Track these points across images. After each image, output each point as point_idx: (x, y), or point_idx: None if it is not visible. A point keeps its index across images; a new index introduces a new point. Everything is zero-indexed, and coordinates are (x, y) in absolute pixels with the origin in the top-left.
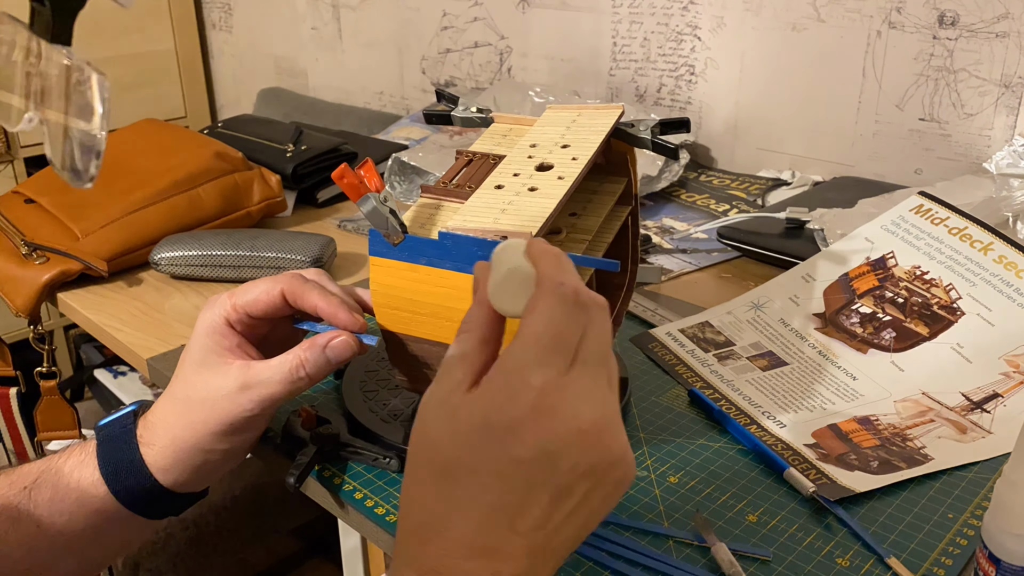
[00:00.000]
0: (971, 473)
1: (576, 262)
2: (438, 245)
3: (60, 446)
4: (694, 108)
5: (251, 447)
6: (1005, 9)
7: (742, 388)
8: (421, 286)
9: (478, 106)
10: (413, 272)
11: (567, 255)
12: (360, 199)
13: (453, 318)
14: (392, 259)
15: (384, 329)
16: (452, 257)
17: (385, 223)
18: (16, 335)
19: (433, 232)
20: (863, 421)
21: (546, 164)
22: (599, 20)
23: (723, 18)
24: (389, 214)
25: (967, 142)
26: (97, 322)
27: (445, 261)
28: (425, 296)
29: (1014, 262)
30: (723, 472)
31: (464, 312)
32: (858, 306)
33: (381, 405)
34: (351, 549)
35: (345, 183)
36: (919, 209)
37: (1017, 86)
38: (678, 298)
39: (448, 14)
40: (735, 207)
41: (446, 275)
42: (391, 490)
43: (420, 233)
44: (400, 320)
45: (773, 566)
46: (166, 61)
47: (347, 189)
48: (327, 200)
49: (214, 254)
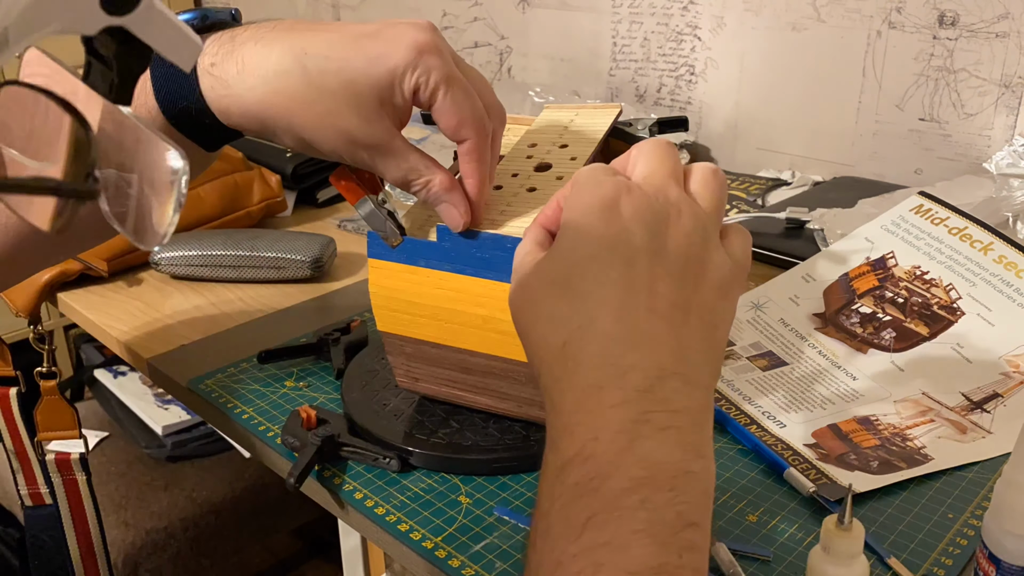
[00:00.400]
0: (971, 473)
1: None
2: (437, 247)
3: (60, 446)
4: (694, 108)
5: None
6: (1005, 9)
7: (742, 388)
8: (420, 288)
9: None
10: (412, 274)
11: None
12: (358, 202)
13: (453, 320)
14: (391, 261)
15: (384, 332)
16: (451, 259)
17: (383, 225)
18: (16, 335)
19: (432, 234)
20: (863, 421)
21: (544, 164)
22: (599, 20)
23: (723, 18)
24: (387, 216)
25: (967, 142)
26: (97, 322)
27: (444, 263)
28: (424, 298)
29: (1014, 262)
30: (723, 472)
31: (464, 315)
32: (858, 306)
33: (381, 405)
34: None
35: (343, 186)
36: (919, 209)
37: (1017, 86)
38: None
39: (448, 14)
40: (735, 207)
41: (446, 277)
42: (391, 490)
43: (419, 235)
44: (400, 322)
45: (773, 566)
46: None
47: (345, 192)
48: (327, 200)
49: (214, 254)
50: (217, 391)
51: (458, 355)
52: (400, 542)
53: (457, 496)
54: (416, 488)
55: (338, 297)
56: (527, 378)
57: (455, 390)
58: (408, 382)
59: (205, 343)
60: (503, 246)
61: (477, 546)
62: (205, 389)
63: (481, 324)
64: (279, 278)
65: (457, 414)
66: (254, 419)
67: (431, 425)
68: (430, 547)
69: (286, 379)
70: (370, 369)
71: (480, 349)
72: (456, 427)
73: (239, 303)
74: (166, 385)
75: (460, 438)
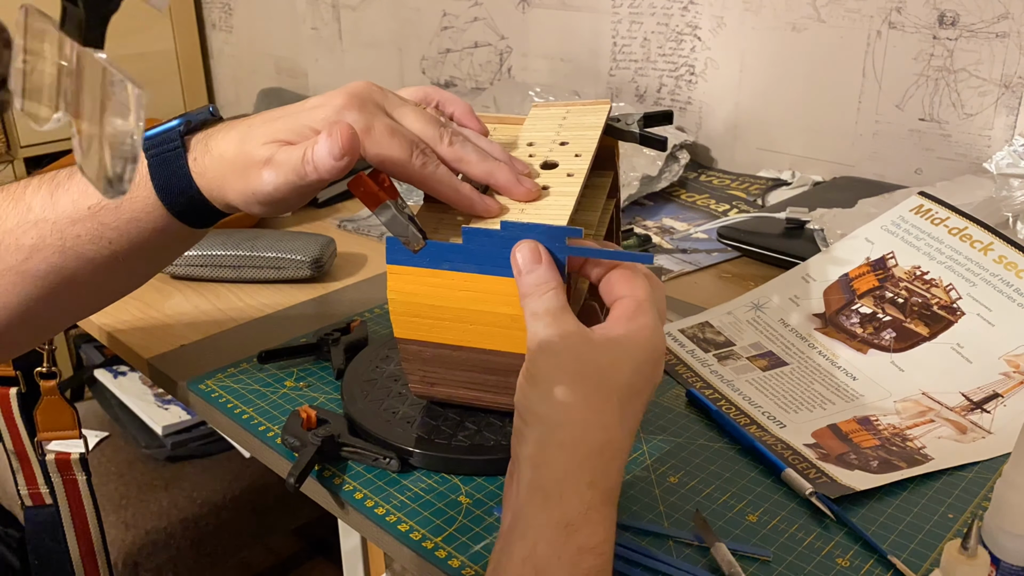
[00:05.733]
0: (971, 473)
1: (620, 258)
2: (462, 249)
3: (60, 446)
4: (694, 108)
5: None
6: (1005, 9)
7: (742, 388)
8: (444, 291)
9: None
10: (435, 278)
11: (613, 250)
12: (378, 208)
13: (478, 321)
14: (412, 266)
15: (400, 339)
16: (477, 260)
17: (405, 230)
18: None
19: (448, 236)
20: (863, 421)
21: (550, 162)
22: (599, 20)
23: (723, 18)
24: (408, 220)
25: (967, 142)
26: (97, 322)
27: (470, 264)
28: (448, 301)
29: (1014, 262)
30: (723, 472)
31: (491, 315)
32: (858, 306)
33: (381, 405)
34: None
35: (362, 192)
36: (919, 209)
37: (1017, 86)
38: (678, 298)
39: (448, 14)
40: (735, 207)
41: (471, 278)
42: (391, 490)
43: (434, 238)
44: (420, 327)
45: (773, 566)
46: (166, 61)
47: (364, 198)
48: (327, 200)
49: (214, 254)
50: (217, 391)
51: (482, 356)
52: (400, 542)
53: (457, 496)
54: (416, 488)
55: (338, 297)
56: None
57: (474, 392)
58: (423, 388)
59: (205, 343)
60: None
61: (477, 546)
62: (205, 389)
63: (509, 324)
64: (279, 278)
65: (471, 416)
66: (254, 419)
67: (448, 428)
68: (430, 547)
69: (286, 379)
70: (371, 369)
71: (507, 348)
72: (474, 428)
73: (239, 303)
74: (166, 385)
75: (481, 439)
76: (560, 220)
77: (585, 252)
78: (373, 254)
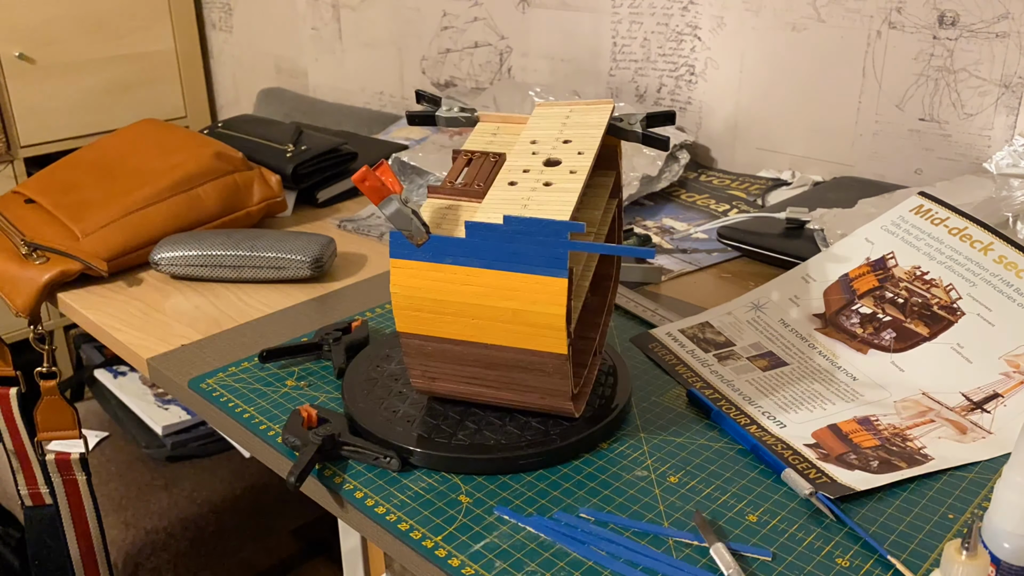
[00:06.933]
0: (971, 473)
1: (620, 252)
2: (465, 243)
3: (60, 446)
4: (694, 108)
5: None
6: (1005, 9)
7: (742, 388)
8: (447, 285)
9: (461, 105)
10: (438, 272)
11: (611, 245)
12: (383, 201)
13: (480, 315)
14: (415, 260)
15: (403, 333)
16: (480, 254)
17: (409, 224)
18: (16, 335)
19: (452, 232)
20: (863, 421)
21: (553, 160)
22: (599, 20)
23: (723, 18)
24: (413, 214)
25: (967, 142)
26: (97, 322)
27: (472, 258)
28: (450, 295)
29: (1014, 262)
30: (723, 472)
31: (493, 309)
32: (858, 306)
33: (382, 404)
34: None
35: (367, 186)
36: (919, 209)
37: (1017, 86)
38: (678, 298)
39: (448, 14)
40: (735, 207)
41: (474, 272)
42: (391, 489)
43: (439, 233)
44: (422, 322)
45: (773, 566)
46: (166, 61)
47: (369, 192)
48: (327, 200)
49: (214, 254)
50: (217, 391)
51: (484, 351)
52: (400, 541)
53: (457, 496)
54: (416, 487)
55: (338, 297)
56: (554, 368)
57: (475, 387)
58: (424, 383)
59: (205, 343)
60: (535, 238)
61: (477, 546)
62: (205, 389)
63: (511, 318)
64: (279, 278)
65: (471, 415)
66: (254, 418)
67: (448, 427)
68: (430, 546)
69: (287, 378)
70: (371, 368)
71: (509, 343)
72: (475, 428)
73: (239, 303)
74: (166, 385)
75: (482, 438)
76: (562, 216)
77: (587, 247)
78: (373, 254)
